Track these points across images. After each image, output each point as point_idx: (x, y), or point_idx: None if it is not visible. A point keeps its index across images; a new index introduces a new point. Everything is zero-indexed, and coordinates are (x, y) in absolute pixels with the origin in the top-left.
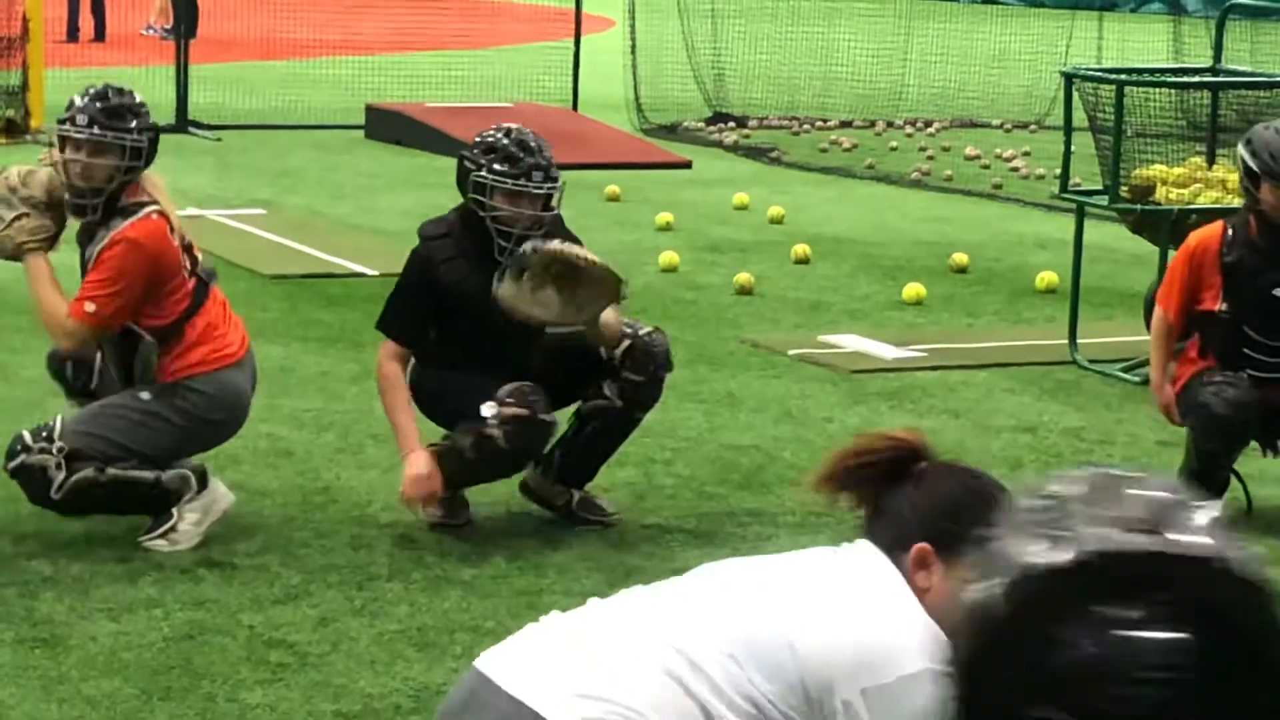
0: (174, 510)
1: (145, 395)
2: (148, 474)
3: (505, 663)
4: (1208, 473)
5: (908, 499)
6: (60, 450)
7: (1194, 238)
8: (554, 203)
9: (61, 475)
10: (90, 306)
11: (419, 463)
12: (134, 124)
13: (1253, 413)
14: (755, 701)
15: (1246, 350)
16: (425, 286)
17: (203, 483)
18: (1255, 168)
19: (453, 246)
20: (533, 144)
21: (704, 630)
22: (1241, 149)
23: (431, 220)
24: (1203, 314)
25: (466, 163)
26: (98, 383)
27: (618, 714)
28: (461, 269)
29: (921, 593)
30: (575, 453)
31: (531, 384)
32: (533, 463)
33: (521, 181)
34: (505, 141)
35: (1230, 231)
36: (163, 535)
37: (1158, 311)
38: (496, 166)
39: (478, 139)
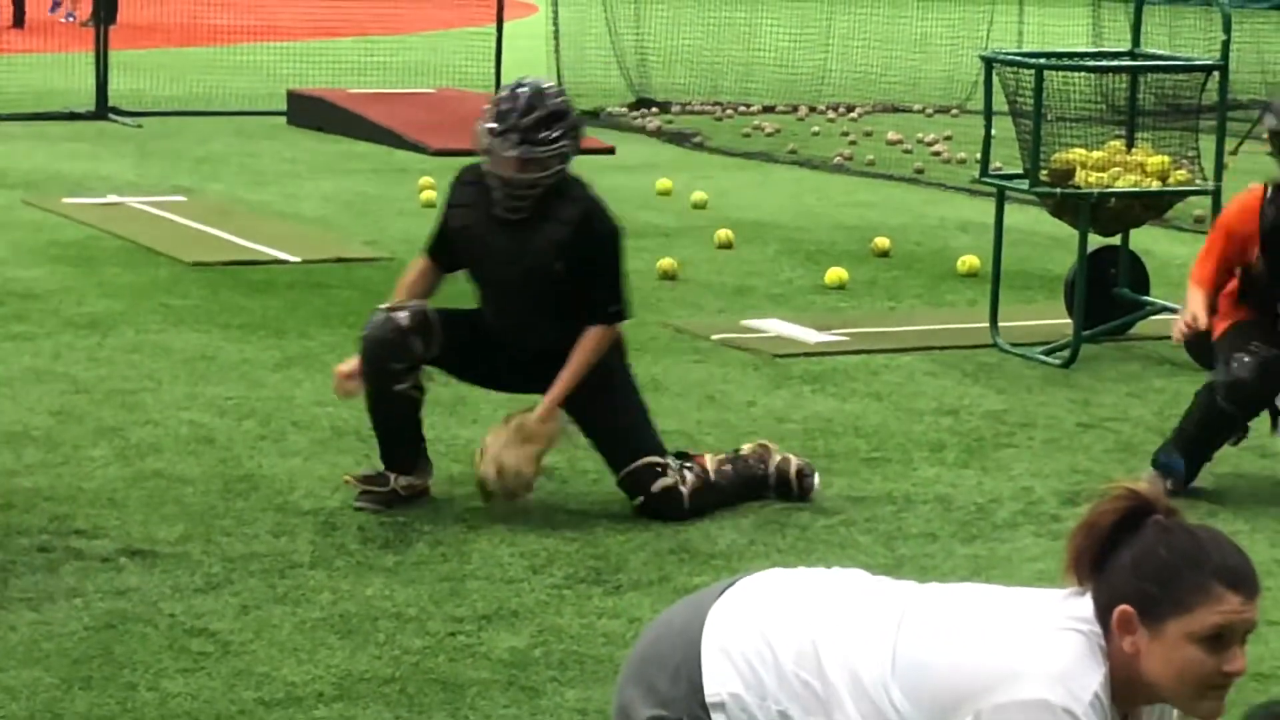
0: None
1: None
2: None
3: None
4: (1208, 431)
5: (1120, 555)
6: None
7: (1230, 210)
8: (546, 167)
9: None
10: None
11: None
12: None
13: (1275, 386)
14: (884, 713)
15: None
16: (444, 218)
17: None
18: None
19: (472, 194)
20: (517, 102)
21: (869, 638)
22: (1270, 118)
23: (476, 164)
24: (1244, 267)
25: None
26: None
27: (755, 694)
28: (465, 216)
29: (1128, 658)
30: None
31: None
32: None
33: (491, 140)
34: (501, 98)
35: (1270, 192)
36: None
37: (1193, 286)
38: (486, 120)
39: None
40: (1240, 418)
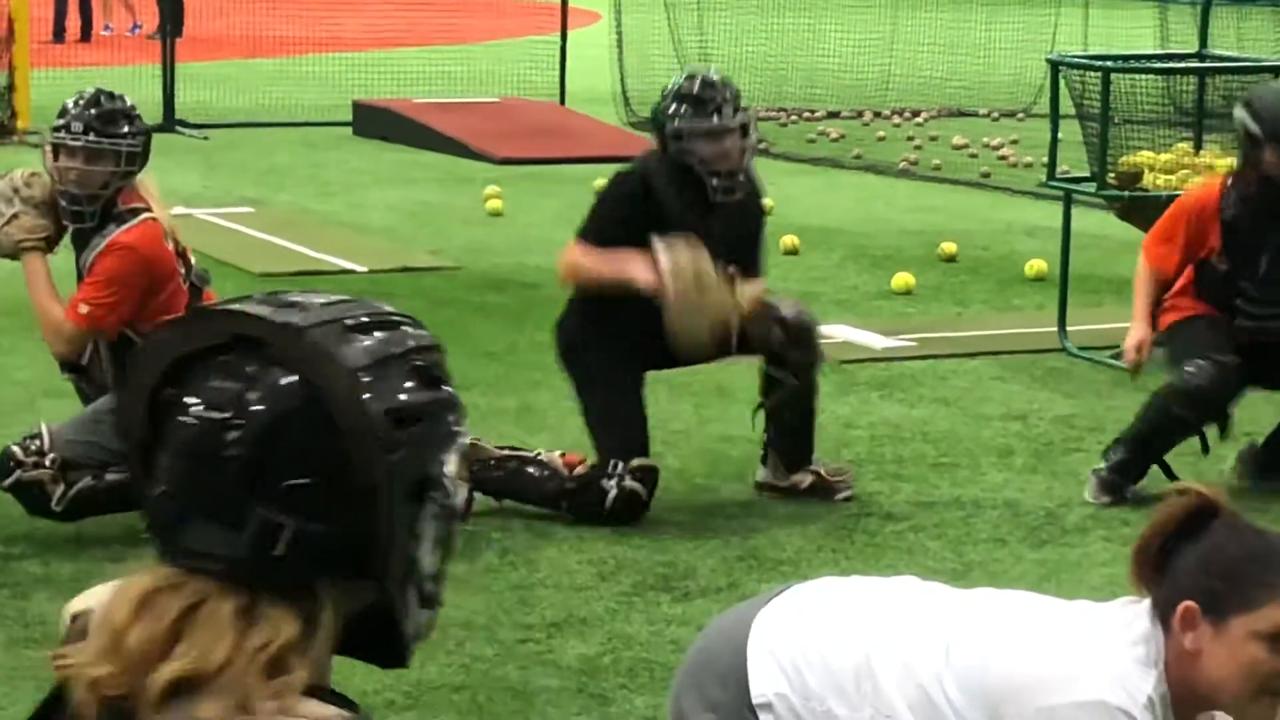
0: None
1: None
2: None
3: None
4: (1160, 436)
5: (1185, 552)
6: (54, 463)
7: (1191, 197)
8: (750, 135)
9: (60, 488)
10: (85, 309)
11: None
12: (127, 128)
13: (1231, 393)
14: (938, 706)
15: (1239, 302)
16: (640, 200)
17: None
18: (1259, 131)
19: (667, 179)
20: (713, 83)
21: (922, 634)
22: (1242, 112)
23: (644, 155)
24: (1200, 260)
25: (660, 115)
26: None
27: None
28: (675, 199)
29: (1189, 657)
30: (788, 440)
31: (655, 464)
32: (772, 471)
33: (710, 120)
34: (690, 86)
35: (1230, 186)
36: None
37: (1146, 264)
38: (686, 110)
39: (666, 92)
40: (1195, 424)
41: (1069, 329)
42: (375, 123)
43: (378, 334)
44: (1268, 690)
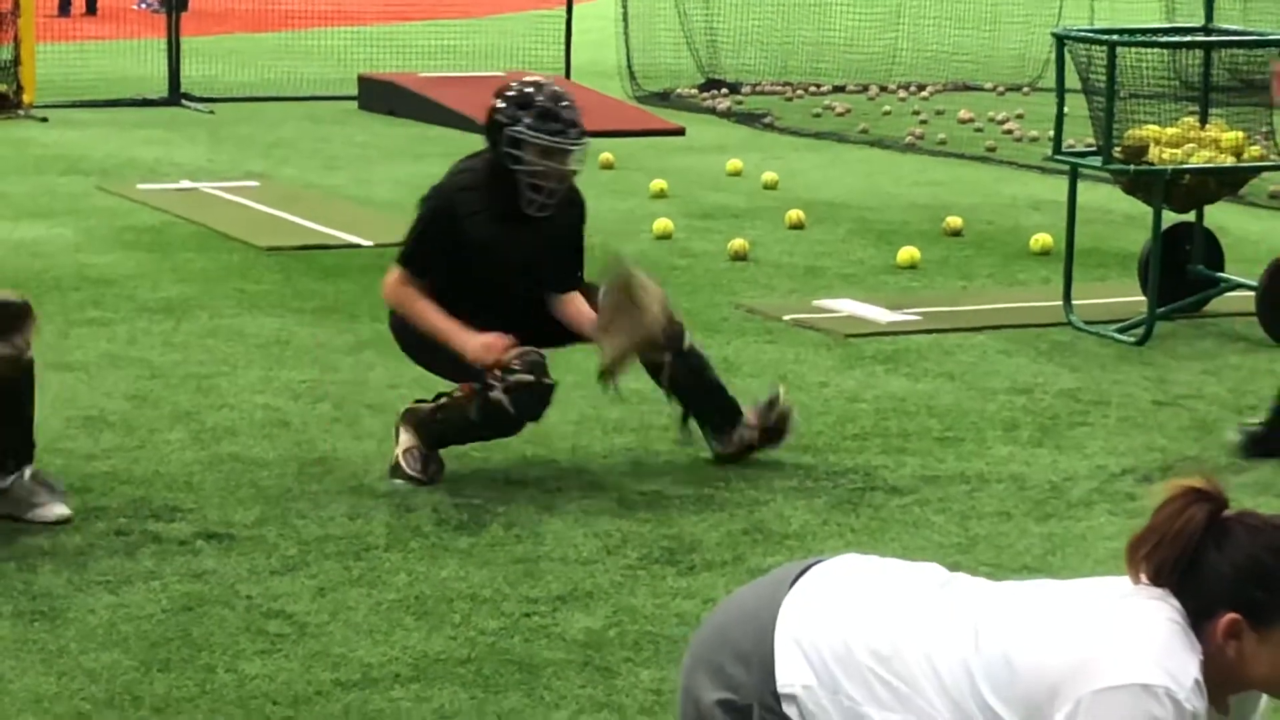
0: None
1: None
2: None
3: (797, 596)
4: None
5: (1211, 560)
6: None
7: None
8: (581, 159)
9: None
10: None
11: (487, 337)
12: None
13: None
14: (969, 713)
15: None
16: (448, 234)
17: None
18: None
19: (479, 200)
20: (566, 99)
21: (950, 637)
22: None
23: (462, 168)
24: None
25: (500, 117)
26: None
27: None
28: (486, 224)
29: (1229, 660)
30: (704, 407)
31: (535, 349)
32: (714, 441)
33: (559, 139)
34: (540, 98)
35: None
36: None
37: None
38: (532, 122)
39: (509, 92)
40: None
41: (1074, 303)
42: (381, 97)
43: None
44: None
